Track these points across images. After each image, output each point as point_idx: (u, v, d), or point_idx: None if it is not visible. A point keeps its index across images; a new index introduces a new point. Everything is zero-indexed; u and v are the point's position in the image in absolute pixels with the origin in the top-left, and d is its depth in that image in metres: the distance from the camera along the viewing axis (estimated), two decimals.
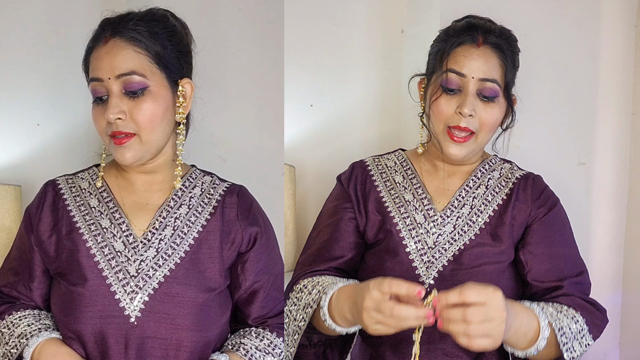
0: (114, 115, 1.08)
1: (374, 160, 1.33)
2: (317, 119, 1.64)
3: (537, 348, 1.05)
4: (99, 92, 1.10)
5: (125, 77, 1.08)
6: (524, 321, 1.04)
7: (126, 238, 1.14)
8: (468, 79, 1.16)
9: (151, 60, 1.11)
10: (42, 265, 1.16)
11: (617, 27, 1.78)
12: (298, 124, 1.62)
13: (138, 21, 1.12)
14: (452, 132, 1.17)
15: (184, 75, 1.16)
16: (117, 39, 1.10)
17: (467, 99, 1.16)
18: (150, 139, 1.11)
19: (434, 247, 1.20)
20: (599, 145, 1.78)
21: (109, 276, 1.11)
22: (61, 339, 1.11)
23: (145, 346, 1.08)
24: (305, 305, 1.14)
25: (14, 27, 1.43)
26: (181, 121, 1.15)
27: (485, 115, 1.17)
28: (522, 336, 1.04)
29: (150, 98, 1.10)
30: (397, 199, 1.25)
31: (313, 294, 1.13)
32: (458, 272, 1.17)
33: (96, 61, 1.11)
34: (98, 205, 1.18)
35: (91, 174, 1.23)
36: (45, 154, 1.48)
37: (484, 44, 1.18)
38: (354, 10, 1.66)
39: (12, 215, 1.39)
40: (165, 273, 1.12)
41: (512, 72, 1.20)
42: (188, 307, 1.10)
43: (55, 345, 1.09)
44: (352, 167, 1.32)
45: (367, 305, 0.97)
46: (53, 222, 1.16)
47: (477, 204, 1.24)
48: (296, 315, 1.15)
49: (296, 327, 1.15)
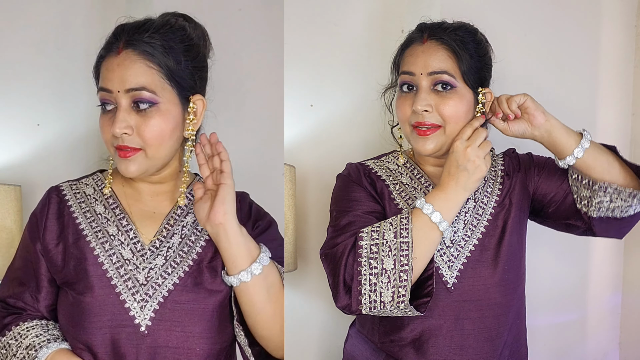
0: (121, 130, 1.06)
1: (375, 163, 1.32)
2: (317, 119, 1.64)
3: (585, 144, 1.18)
4: (107, 102, 1.08)
5: (135, 92, 1.06)
6: (564, 125, 1.21)
7: (134, 246, 1.13)
8: (418, 76, 1.18)
9: (163, 76, 1.08)
10: (49, 275, 1.14)
11: (617, 27, 1.78)
12: (298, 124, 1.61)
13: (153, 33, 1.09)
14: (418, 128, 1.19)
15: (196, 91, 1.14)
16: (130, 51, 1.07)
17: (419, 95, 1.17)
18: (157, 155, 1.10)
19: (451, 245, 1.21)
20: None
21: (118, 284, 1.09)
22: (70, 349, 1.09)
23: (157, 355, 1.07)
24: (397, 234, 1.13)
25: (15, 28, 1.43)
26: (190, 137, 1.13)
27: (445, 107, 1.17)
28: (566, 129, 1.20)
29: (159, 114, 1.08)
30: (403, 192, 1.26)
31: (394, 222, 1.14)
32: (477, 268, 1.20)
33: (107, 71, 1.08)
34: (104, 212, 1.16)
35: (96, 180, 1.21)
36: (45, 154, 1.48)
37: (428, 39, 1.20)
38: (354, 10, 1.66)
39: (12, 215, 1.39)
40: (174, 281, 1.10)
41: (467, 62, 1.18)
42: (198, 314, 1.09)
43: (65, 356, 1.07)
44: (355, 167, 1.30)
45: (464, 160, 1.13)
46: (59, 230, 1.14)
47: (480, 197, 1.25)
48: (392, 248, 1.12)
49: (402, 253, 1.12)
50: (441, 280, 1.18)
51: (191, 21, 1.18)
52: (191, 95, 1.12)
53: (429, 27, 1.22)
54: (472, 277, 1.19)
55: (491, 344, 1.19)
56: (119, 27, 1.10)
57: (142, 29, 1.09)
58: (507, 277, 1.20)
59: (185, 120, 1.12)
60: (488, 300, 1.18)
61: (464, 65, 1.17)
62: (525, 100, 1.18)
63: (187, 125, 1.12)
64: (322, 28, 1.63)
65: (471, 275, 1.19)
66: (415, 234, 1.12)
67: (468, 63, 1.18)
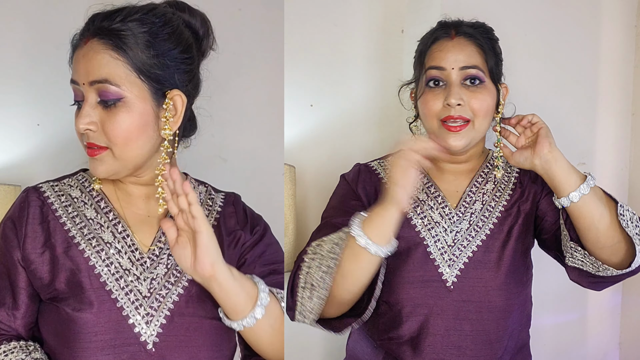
0: (84, 125, 0.97)
1: (380, 164, 1.31)
2: (317, 119, 1.64)
3: (584, 190, 1.12)
4: (77, 95, 1.00)
5: (98, 85, 0.96)
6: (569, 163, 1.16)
7: (132, 254, 1.02)
8: (449, 71, 1.18)
9: (130, 68, 0.97)
10: (30, 289, 1.00)
11: (617, 27, 1.78)
12: (298, 124, 1.61)
13: (125, 21, 0.98)
14: (447, 123, 1.18)
15: (175, 86, 1.01)
16: (96, 40, 0.97)
17: (452, 89, 1.17)
18: (125, 156, 0.99)
19: (453, 245, 1.20)
20: (599, 145, 1.78)
21: (119, 298, 0.98)
22: None
23: None
24: (331, 247, 1.09)
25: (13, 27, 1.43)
26: (166, 138, 1.01)
27: (475, 102, 1.17)
28: (572, 168, 1.15)
29: (126, 111, 0.97)
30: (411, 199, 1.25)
31: (334, 237, 1.10)
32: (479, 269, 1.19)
33: (75, 63, 1.00)
34: (96, 216, 1.04)
35: (81, 181, 1.09)
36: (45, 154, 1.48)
37: (457, 35, 1.21)
38: (354, 10, 1.66)
39: None
40: (179, 291, 1.02)
41: (492, 58, 1.21)
42: (206, 327, 1.01)
43: None
44: (357, 170, 1.30)
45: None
46: (44, 238, 1.01)
47: (487, 200, 1.25)
48: (321, 263, 1.09)
49: (325, 269, 1.08)
50: (440, 279, 1.18)
51: (184, 9, 1.08)
52: (168, 90, 1.01)
53: (453, 24, 1.24)
54: (473, 278, 1.18)
55: (490, 347, 1.18)
56: (92, 16, 1.01)
57: (112, 17, 0.98)
58: (509, 281, 1.19)
59: (161, 119, 1.00)
60: (488, 303, 1.18)
61: (490, 60, 1.20)
62: (538, 120, 1.18)
63: (162, 124, 1.01)
64: (322, 28, 1.63)
65: (472, 276, 1.18)
66: (346, 252, 1.07)
67: (493, 59, 1.21)
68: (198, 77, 1.09)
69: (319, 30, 1.63)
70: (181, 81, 1.02)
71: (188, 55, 1.04)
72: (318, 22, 1.63)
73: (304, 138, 1.63)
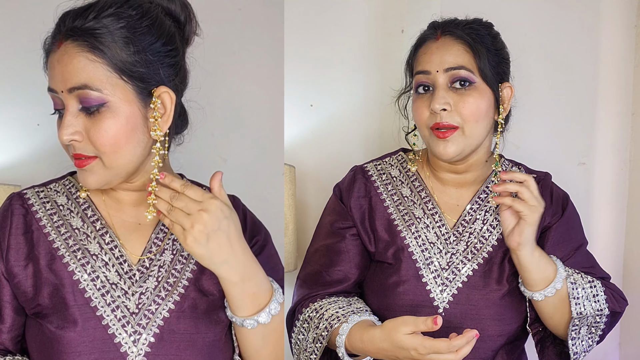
0: (68, 136, 0.89)
1: (376, 167, 1.24)
2: (317, 119, 1.64)
3: (550, 291, 1.10)
4: (57, 104, 0.93)
5: (78, 92, 0.88)
6: (544, 258, 1.11)
7: (120, 266, 0.96)
8: (434, 74, 1.11)
9: (110, 69, 0.89)
10: (15, 303, 0.95)
11: (617, 27, 1.78)
12: (298, 124, 1.61)
13: (98, 17, 0.88)
14: (437, 130, 1.11)
15: (161, 83, 0.93)
16: (69, 43, 0.89)
17: (437, 93, 1.09)
18: (115, 163, 0.91)
19: (447, 268, 1.15)
20: (599, 145, 1.78)
21: (105, 315, 0.92)
22: None
23: None
24: (315, 339, 1.09)
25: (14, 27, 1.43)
26: (157, 139, 0.93)
27: (464, 106, 1.09)
28: (541, 268, 1.09)
29: (111, 116, 0.89)
30: (407, 215, 1.19)
31: (321, 329, 1.08)
32: (472, 295, 1.14)
33: (50, 69, 0.92)
34: (82, 225, 0.97)
35: (68, 186, 1.02)
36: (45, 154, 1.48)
37: (443, 35, 1.13)
38: (354, 10, 1.66)
39: None
40: (169, 306, 0.95)
41: (486, 57, 1.11)
42: (199, 346, 0.95)
43: None
44: (352, 177, 1.23)
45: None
46: (27, 249, 0.94)
47: (489, 218, 1.19)
48: (306, 347, 1.10)
49: (307, 358, 1.10)
50: (431, 304, 1.13)
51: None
52: (154, 88, 0.93)
53: (442, 23, 1.16)
54: (466, 305, 1.13)
55: None
56: (62, 15, 0.92)
57: (85, 14, 0.89)
58: (504, 311, 1.14)
59: (149, 119, 0.93)
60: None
61: (481, 59, 1.10)
62: (528, 197, 1.06)
63: (151, 124, 0.93)
64: (322, 28, 1.63)
65: (464, 302, 1.13)
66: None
67: (485, 57, 1.11)
68: (185, 68, 1.00)
69: (319, 30, 1.63)
70: (167, 76, 0.94)
71: (172, 46, 0.95)
72: (318, 22, 1.63)
73: (304, 138, 1.63)
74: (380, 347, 0.99)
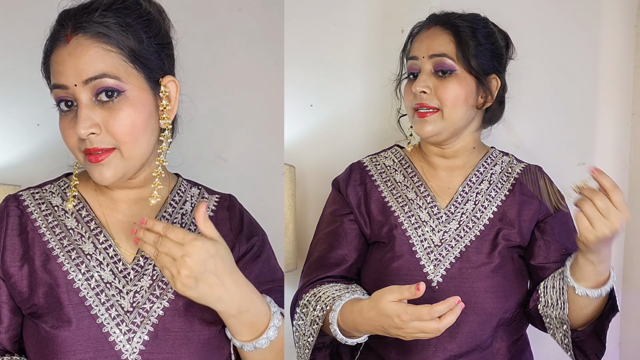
0: (86, 130, 0.88)
1: (372, 160, 1.32)
2: (317, 119, 1.64)
3: (605, 289, 1.08)
4: (64, 100, 0.92)
5: (95, 82, 0.89)
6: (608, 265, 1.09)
7: (115, 265, 0.96)
8: (420, 60, 1.20)
9: (125, 59, 0.91)
10: (11, 303, 0.95)
11: (617, 27, 1.78)
12: (298, 124, 1.62)
13: (105, 11, 0.91)
14: (418, 111, 1.19)
15: (166, 73, 0.97)
16: (81, 35, 0.90)
17: (420, 77, 1.19)
18: (133, 154, 0.92)
19: (440, 244, 1.20)
20: (599, 145, 1.78)
21: (99, 314, 0.92)
22: None
23: None
24: (312, 321, 1.12)
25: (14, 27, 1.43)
26: (166, 127, 0.96)
27: (443, 90, 1.17)
28: (602, 265, 1.06)
29: (128, 104, 0.90)
30: (400, 197, 1.25)
31: (317, 310, 1.12)
32: (465, 270, 1.18)
33: (58, 65, 0.91)
34: (77, 226, 0.98)
35: (63, 188, 1.03)
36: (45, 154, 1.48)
37: (433, 25, 1.21)
38: (354, 10, 1.66)
39: None
40: (164, 305, 0.95)
41: (474, 48, 1.18)
42: (194, 344, 0.95)
43: None
44: (349, 169, 1.31)
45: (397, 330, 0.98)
46: (22, 250, 0.95)
47: (481, 200, 1.23)
48: (305, 331, 1.14)
49: (305, 342, 1.14)
50: (425, 278, 1.17)
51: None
52: (161, 77, 0.96)
53: (437, 15, 1.24)
54: (459, 279, 1.17)
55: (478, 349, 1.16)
56: (63, 13, 0.93)
57: (90, 9, 0.91)
58: (497, 285, 1.17)
59: (159, 108, 0.96)
60: (474, 305, 1.15)
61: (467, 50, 1.17)
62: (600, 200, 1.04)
63: (161, 113, 0.96)
64: (322, 28, 1.64)
65: (457, 276, 1.17)
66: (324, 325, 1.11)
67: (473, 49, 1.18)
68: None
69: (319, 30, 1.63)
70: (170, 66, 0.99)
71: (168, 40, 1.00)
72: (318, 22, 1.63)
73: (304, 138, 1.63)
74: (368, 316, 1.01)
